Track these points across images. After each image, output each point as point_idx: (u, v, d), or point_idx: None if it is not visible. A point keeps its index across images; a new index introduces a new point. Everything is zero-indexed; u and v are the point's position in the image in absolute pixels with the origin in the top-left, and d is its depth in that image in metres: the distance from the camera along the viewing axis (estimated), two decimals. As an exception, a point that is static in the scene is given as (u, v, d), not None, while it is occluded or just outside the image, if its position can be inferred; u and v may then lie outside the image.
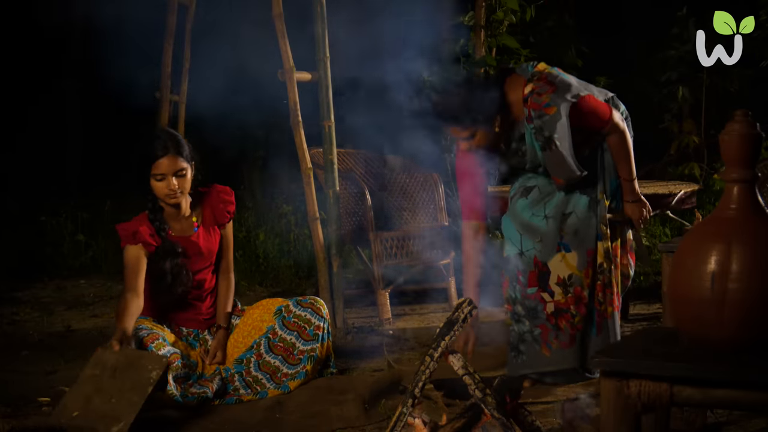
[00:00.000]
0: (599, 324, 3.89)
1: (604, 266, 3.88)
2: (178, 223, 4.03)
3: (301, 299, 4.15)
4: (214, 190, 4.12)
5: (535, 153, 3.85)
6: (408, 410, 2.88)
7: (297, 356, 4.02)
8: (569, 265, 3.85)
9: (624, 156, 3.88)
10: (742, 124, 2.24)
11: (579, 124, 3.77)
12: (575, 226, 3.87)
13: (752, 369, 2.09)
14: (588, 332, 3.87)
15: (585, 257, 3.85)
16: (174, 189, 3.87)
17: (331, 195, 5.20)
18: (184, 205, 4.00)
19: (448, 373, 3.05)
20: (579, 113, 3.74)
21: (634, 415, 2.19)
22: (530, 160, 3.92)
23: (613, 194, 3.95)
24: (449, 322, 2.90)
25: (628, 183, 3.92)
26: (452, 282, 5.73)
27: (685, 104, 7.97)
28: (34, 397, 3.91)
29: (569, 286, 3.84)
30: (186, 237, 4.02)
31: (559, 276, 3.85)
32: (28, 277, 7.08)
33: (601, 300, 3.91)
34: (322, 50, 5.14)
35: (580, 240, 3.86)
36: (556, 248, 3.87)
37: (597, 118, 3.80)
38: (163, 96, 6.75)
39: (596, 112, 3.79)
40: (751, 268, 2.14)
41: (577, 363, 3.84)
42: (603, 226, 3.89)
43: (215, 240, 4.11)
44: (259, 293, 6.31)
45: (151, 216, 3.95)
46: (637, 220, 3.95)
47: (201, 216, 4.08)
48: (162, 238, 3.94)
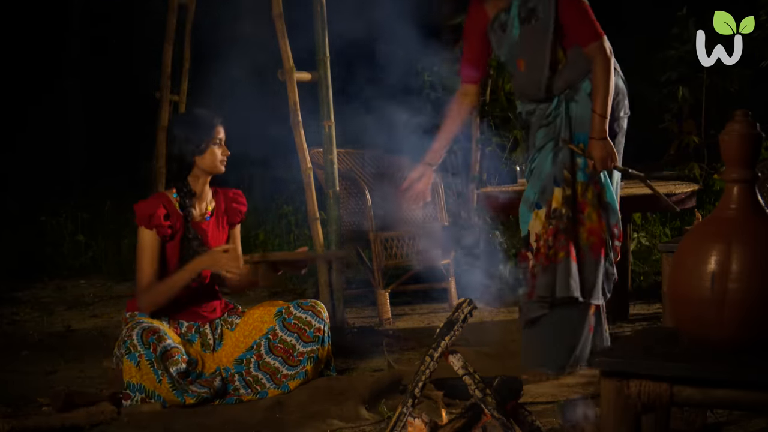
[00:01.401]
0: (544, 267, 4.01)
1: (561, 212, 3.95)
2: (196, 208, 4.06)
3: (301, 301, 4.16)
4: (228, 191, 4.20)
5: (512, 45, 4.01)
6: (408, 410, 2.88)
7: (297, 358, 4.02)
8: (540, 219, 4.02)
9: (602, 86, 3.91)
10: (742, 124, 2.24)
11: (568, 26, 3.91)
12: (542, 182, 4.03)
13: (752, 369, 2.09)
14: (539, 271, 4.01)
15: (549, 208, 3.99)
16: (227, 154, 4.03)
17: (331, 195, 5.20)
18: (207, 187, 4.08)
19: (448, 373, 3.05)
20: (572, 7, 3.88)
21: (634, 415, 2.19)
22: (506, 53, 4.08)
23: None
24: (449, 322, 2.90)
25: (597, 117, 3.93)
26: (452, 282, 5.73)
27: (685, 104, 7.97)
28: (34, 397, 3.91)
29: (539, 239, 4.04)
30: (198, 224, 4.05)
31: (536, 234, 4.03)
32: (28, 277, 7.08)
33: (550, 244, 3.99)
34: (322, 50, 5.14)
35: (546, 194, 4.02)
36: (533, 209, 4.05)
37: (589, 25, 3.91)
38: (163, 96, 6.74)
39: (590, 18, 3.89)
40: (751, 268, 2.14)
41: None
42: (565, 171, 3.97)
43: (223, 235, 4.13)
44: (259, 293, 6.31)
45: (182, 200, 3.99)
46: (598, 159, 3.94)
47: (215, 207, 4.13)
48: (187, 221, 3.98)
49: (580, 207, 4.01)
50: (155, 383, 3.73)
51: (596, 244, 4.01)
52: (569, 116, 4.02)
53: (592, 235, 4.01)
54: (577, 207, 4.00)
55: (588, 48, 3.93)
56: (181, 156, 3.99)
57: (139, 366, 3.74)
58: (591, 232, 4.01)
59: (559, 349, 4.06)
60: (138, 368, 3.74)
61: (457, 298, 5.52)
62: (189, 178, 4.02)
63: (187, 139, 3.98)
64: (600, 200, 4.01)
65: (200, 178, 4.04)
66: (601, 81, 3.91)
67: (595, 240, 4.01)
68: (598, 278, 4.02)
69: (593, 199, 4.00)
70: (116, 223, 8.13)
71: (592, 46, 3.91)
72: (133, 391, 3.74)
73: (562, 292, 4.00)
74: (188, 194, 4.01)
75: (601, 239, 4.01)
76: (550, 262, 4.02)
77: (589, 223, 4.00)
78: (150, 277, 3.92)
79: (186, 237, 3.98)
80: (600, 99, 3.91)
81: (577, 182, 4.01)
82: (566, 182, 4.00)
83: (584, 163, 3.99)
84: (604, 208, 4.01)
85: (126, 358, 3.76)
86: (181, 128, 4.03)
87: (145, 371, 3.74)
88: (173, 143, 4.01)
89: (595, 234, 4.01)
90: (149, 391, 3.74)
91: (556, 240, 4.00)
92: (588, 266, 4.01)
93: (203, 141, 3.98)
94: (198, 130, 3.99)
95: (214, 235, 4.09)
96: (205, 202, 4.11)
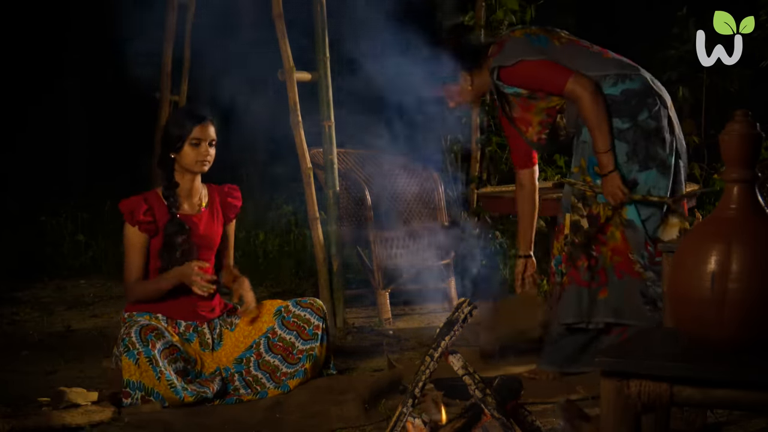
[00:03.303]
0: (552, 293, 4.07)
1: (569, 238, 3.94)
2: (186, 202, 4.07)
3: (300, 300, 4.17)
4: (223, 186, 4.22)
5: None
6: (408, 410, 2.88)
7: (296, 355, 4.02)
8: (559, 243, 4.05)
9: (593, 125, 3.87)
10: (742, 124, 2.24)
11: (533, 88, 3.97)
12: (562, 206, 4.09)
13: (752, 369, 2.09)
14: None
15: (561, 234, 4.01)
16: (206, 155, 4.00)
17: (331, 195, 5.20)
18: (197, 183, 4.09)
19: (448, 373, 3.05)
20: (522, 77, 3.95)
21: (634, 415, 2.19)
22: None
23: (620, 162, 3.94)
24: (449, 322, 2.90)
25: (598, 155, 3.90)
26: (452, 282, 5.73)
27: (685, 104, 7.96)
28: (34, 397, 3.90)
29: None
30: (189, 216, 4.06)
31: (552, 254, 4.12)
32: (28, 277, 7.07)
33: (563, 271, 3.99)
34: (322, 50, 5.14)
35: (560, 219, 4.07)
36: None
37: (548, 83, 3.94)
38: (163, 96, 6.74)
39: (542, 78, 3.94)
40: (751, 268, 2.14)
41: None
42: (573, 198, 3.97)
43: (217, 229, 4.14)
44: (259, 293, 6.30)
45: (165, 192, 4.03)
46: (607, 194, 3.89)
47: (209, 200, 4.14)
48: (172, 214, 4.00)
49: (603, 228, 3.95)
50: (154, 381, 3.74)
51: (621, 263, 3.94)
52: (584, 141, 4.00)
53: (617, 255, 3.94)
54: (599, 228, 3.95)
55: (565, 92, 3.91)
56: (161, 150, 4.06)
57: (138, 363, 3.74)
58: (615, 252, 3.94)
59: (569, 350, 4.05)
60: (137, 366, 3.74)
61: (457, 298, 5.52)
62: (175, 173, 4.05)
63: (167, 134, 4.04)
64: (621, 219, 3.93)
65: (185, 175, 4.06)
66: (590, 118, 3.87)
67: (620, 259, 3.93)
68: (626, 299, 3.93)
69: (616, 218, 3.93)
70: (116, 223, 8.07)
71: (565, 91, 3.90)
72: (133, 389, 3.75)
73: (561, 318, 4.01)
74: (172, 187, 4.04)
75: (627, 258, 3.93)
76: (560, 288, 4.01)
77: (613, 242, 3.94)
78: (134, 272, 4.00)
79: (167, 226, 4.00)
80: (596, 135, 3.87)
81: (597, 204, 3.95)
82: (575, 209, 3.97)
83: None
84: (627, 226, 3.92)
85: (125, 356, 3.76)
86: (167, 124, 4.12)
87: (144, 369, 3.74)
88: (160, 134, 4.13)
89: (620, 254, 3.93)
90: (148, 389, 3.74)
91: (567, 267, 3.98)
92: (612, 287, 3.95)
93: (179, 140, 3.99)
94: (175, 128, 4.02)
95: (207, 228, 4.10)
96: (198, 197, 4.12)
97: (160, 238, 4.01)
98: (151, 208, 3.99)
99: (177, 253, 4.00)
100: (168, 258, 4.00)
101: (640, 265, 3.92)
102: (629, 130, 3.93)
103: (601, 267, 3.94)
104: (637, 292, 3.93)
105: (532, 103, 4.02)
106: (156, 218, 3.99)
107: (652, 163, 3.93)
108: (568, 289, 3.96)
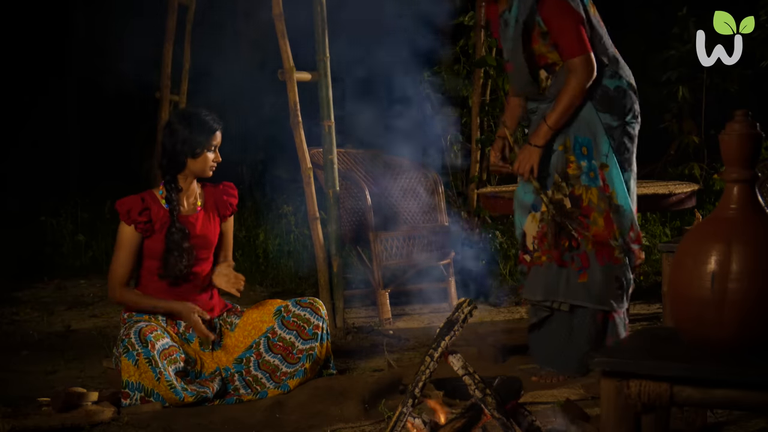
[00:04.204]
0: (528, 270, 4.07)
1: (549, 215, 3.96)
2: (183, 203, 4.07)
3: (300, 299, 4.17)
4: (219, 184, 4.21)
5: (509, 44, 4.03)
6: (408, 410, 2.88)
7: (296, 355, 4.02)
8: (536, 221, 4.06)
9: (566, 101, 3.90)
10: (742, 124, 2.24)
11: (551, 29, 3.89)
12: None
13: (752, 369, 2.09)
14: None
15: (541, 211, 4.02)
16: (218, 160, 4.06)
17: (331, 195, 5.20)
18: (194, 184, 4.09)
19: (448, 373, 3.05)
20: (553, 14, 3.87)
21: (634, 415, 2.19)
22: (505, 52, 4.12)
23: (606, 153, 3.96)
24: (449, 322, 2.90)
25: (545, 126, 3.95)
26: (452, 282, 5.73)
27: (685, 104, 7.97)
28: (34, 397, 3.90)
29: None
30: (186, 216, 4.05)
31: (531, 236, 4.07)
32: (28, 277, 7.07)
33: (535, 247, 4.01)
34: (322, 50, 5.14)
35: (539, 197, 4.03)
36: (531, 211, 4.08)
37: (569, 40, 3.88)
38: (163, 96, 6.75)
39: (572, 33, 3.87)
40: (751, 268, 2.14)
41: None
42: (557, 176, 3.97)
43: (214, 229, 4.13)
44: (259, 293, 6.31)
45: (168, 195, 4.02)
46: (519, 161, 3.98)
47: (204, 201, 4.14)
48: (174, 219, 4.00)
49: (584, 212, 3.96)
50: (154, 381, 3.74)
51: (602, 249, 3.95)
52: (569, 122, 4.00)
53: (598, 240, 3.94)
54: (581, 211, 3.96)
55: (567, 62, 3.90)
56: (175, 154, 4.00)
57: (137, 364, 3.74)
58: (597, 236, 3.94)
59: (565, 352, 4.05)
60: (136, 367, 3.74)
61: (457, 298, 5.52)
62: (179, 175, 4.04)
63: (185, 140, 3.98)
64: (611, 203, 3.95)
65: (188, 178, 4.06)
66: (566, 95, 3.89)
67: (602, 245, 3.95)
68: (606, 285, 3.96)
69: (600, 203, 3.94)
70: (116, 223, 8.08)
71: (571, 61, 3.88)
72: (132, 389, 3.75)
73: (528, 294, 4.05)
74: (175, 189, 4.03)
75: (608, 245, 3.94)
76: (533, 264, 4.04)
77: (594, 228, 3.94)
78: (121, 271, 4.00)
79: (170, 230, 4.00)
80: (557, 111, 3.91)
81: (581, 186, 3.97)
82: (556, 186, 3.98)
83: (588, 167, 3.96)
84: (615, 212, 3.94)
85: (124, 356, 3.76)
86: (183, 127, 4.01)
87: (143, 369, 3.74)
88: (170, 138, 4.01)
89: (600, 239, 3.95)
90: (148, 390, 3.74)
91: (541, 243, 4.00)
92: (593, 272, 3.96)
93: (200, 146, 3.99)
94: (198, 134, 3.99)
95: (204, 228, 4.10)
96: (193, 197, 4.12)
97: (154, 239, 4.00)
98: (148, 208, 3.99)
99: (175, 254, 4.00)
100: (168, 259, 4.00)
101: (620, 251, 3.97)
102: (617, 128, 3.99)
103: (583, 251, 3.96)
104: (614, 278, 3.98)
105: (539, 40, 3.99)
106: (152, 219, 3.99)
107: (629, 167, 4.03)
108: (544, 266, 3.99)
